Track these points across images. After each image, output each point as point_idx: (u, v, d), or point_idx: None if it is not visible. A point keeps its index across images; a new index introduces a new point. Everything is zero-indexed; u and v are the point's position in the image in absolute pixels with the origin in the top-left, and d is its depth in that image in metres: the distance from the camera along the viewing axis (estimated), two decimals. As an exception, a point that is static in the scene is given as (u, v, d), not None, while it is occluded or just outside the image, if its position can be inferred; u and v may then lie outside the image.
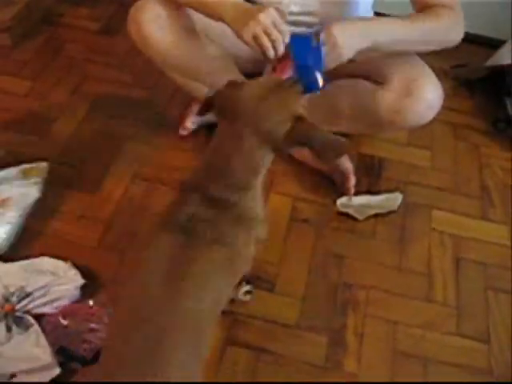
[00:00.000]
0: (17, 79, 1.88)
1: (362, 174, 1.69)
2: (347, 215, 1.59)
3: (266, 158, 1.06)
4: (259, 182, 1.08)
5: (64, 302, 1.36)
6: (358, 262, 1.51)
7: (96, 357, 1.26)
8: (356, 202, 1.61)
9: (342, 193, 1.63)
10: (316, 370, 1.31)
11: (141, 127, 1.76)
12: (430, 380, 1.33)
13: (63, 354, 1.27)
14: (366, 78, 1.54)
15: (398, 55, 1.55)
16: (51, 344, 1.28)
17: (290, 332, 1.36)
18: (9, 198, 1.49)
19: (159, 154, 1.70)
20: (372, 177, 1.71)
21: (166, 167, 1.66)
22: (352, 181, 1.59)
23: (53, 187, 1.58)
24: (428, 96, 1.45)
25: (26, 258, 1.39)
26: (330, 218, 1.59)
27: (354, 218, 1.59)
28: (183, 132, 1.72)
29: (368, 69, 1.55)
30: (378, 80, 1.50)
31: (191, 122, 1.71)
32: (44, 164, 1.59)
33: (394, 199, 1.64)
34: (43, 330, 1.29)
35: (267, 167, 1.08)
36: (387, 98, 1.47)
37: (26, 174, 1.56)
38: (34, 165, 1.59)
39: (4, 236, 1.44)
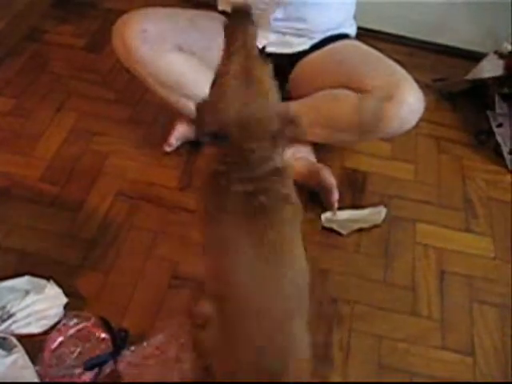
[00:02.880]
0: (0, 98, 1.87)
1: (345, 189, 1.69)
2: (331, 230, 1.59)
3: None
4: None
5: (48, 322, 1.34)
6: (342, 276, 1.51)
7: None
8: (340, 217, 1.61)
9: (325, 208, 1.63)
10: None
11: (125, 144, 1.76)
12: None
13: (91, 365, 1.27)
14: (348, 87, 1.56)
15: (377, 63, 1.58)
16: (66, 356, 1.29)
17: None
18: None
19: (143, 170, 1.69)
20: (356, 191, 1.72)
21: (151, 184, 1.66)
22: (335, 196, 1.60)
23: (35, 206, 1.58)
24: (409, 100, 1.48)
25: (8, 278, 1.36)
26: (314, 233, 1.59)
27: (338, 233, 1.59)
28: (167, 149, 1.72)
29: (348, 79, 1.57)
30: (360, 86, 1.52)
31: (175, 139, 1.71)
32: None
33: (378, 213, 1.64)
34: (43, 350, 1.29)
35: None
36: (368, 103, 1.48)
37: None
38: None
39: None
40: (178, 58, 1.56)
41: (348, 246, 1.58)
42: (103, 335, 1.32)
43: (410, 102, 1.48)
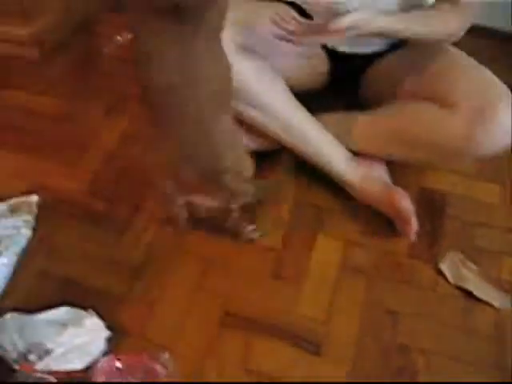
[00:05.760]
0: (46, 98, 1.76)
1: (422, 211, 1.49)
2: (404, 265, 1.41)
3: None
4: None
5: (89, 357, 1.23)
6: (415, 319, 1.32)
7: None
8: (466, 267, 1.41)
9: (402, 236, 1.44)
10: None
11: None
12: None
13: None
14: (432, 99, 1.36)
15: (469, 73, 1.36)
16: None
17: (338, 402, 1.20)
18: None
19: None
20: (434, 215, 1.52)
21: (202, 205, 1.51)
22: (414, 226, 1.39)
23: (80, 225, 1.46)
24: (504, 119, 1.27)
25: (46, 305, 1.27)
26: (385, 267, 1.41)
27: (411, 268, 1.41)
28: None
29: (433, 88, 1.38)
30: (446, 101, 1.32)
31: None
32: (34, 198, 1.47)
33: (502, 298, 1.38)
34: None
35: None
36: (456, 122, 1.30)
37: (14, 211, 1.44)
38: (22, 199, 1.47)
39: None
40: (244, 61, 1.39)
41: (423, 283, 1.38)
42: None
43: (504, 122, 1.27)
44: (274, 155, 1.59)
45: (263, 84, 1.44)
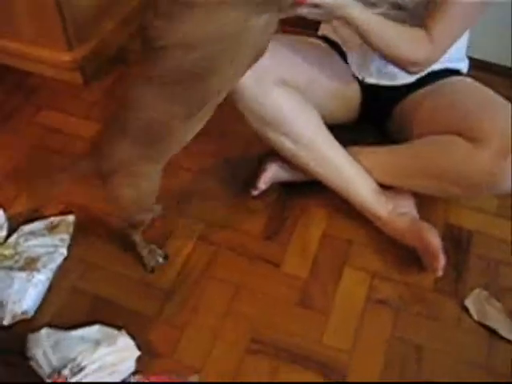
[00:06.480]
0: (85, 121, 1.81)
1: (448, 248, 1.50)
2: (430, 300, 1.43)
3: None
4: None
5: (119, 375, 1.27)
6: (440, 355, 1.34)
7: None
8: (490, 304, 1.42)
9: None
10: None
11: (210, 182, 1.66)
12: None
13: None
14: (459, 134, 1.38)
15: (495, 109, 1.39)
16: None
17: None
18: (35, 258, 1.43)
19: (227, 213, 1.58)
20: (460, 250, 1.54)
21: (234, 230, 1.55)
22: (441, 261, 1.41)
23: (113, 247, 1.50)
24: None
25: (79, 323, 1.32)
26: (411, 301, 1.43)
27: (436, 304, 1.42)
28: (254, 192, 1.60)
29: (459, 125, 1.40)
30: (474, 137, 1.35)
31: (264, 183, 1.59)
32: (71, 218, 1.54)
33: None
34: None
35: None
36: (484, 157, 1.32)
37: (52, 230, 1.50)
38: (61, 218, 1.53)
39: (30, 301, 1.37)
40: (283, 94, 1.45)
41: (448, 320, 1.40)
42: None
43: None
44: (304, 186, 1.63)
45: (300, 116, 1.48)
